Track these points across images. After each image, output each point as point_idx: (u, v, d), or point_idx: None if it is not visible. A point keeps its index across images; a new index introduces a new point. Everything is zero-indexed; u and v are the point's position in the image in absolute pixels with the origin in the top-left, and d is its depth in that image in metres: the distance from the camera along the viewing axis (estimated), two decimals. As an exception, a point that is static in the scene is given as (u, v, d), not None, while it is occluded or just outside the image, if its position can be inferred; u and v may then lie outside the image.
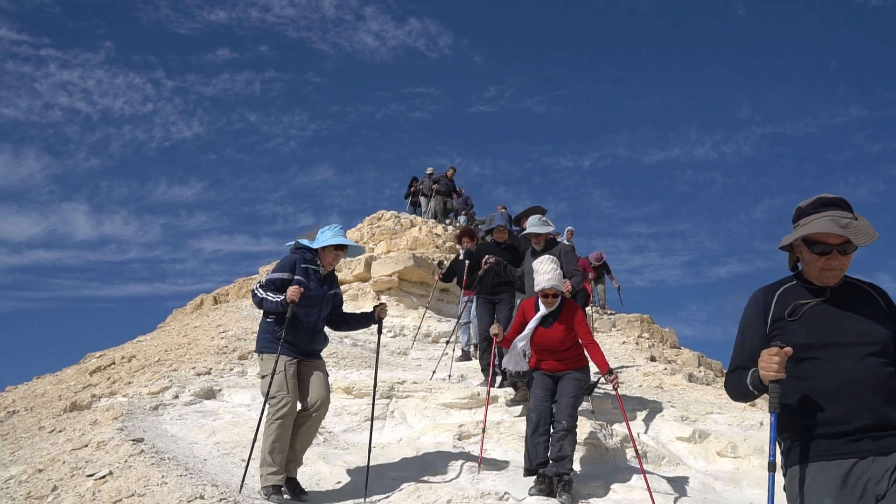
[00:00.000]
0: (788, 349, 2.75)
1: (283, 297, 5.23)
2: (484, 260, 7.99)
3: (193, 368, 9.01)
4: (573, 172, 70.94)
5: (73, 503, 5.18)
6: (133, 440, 6.15)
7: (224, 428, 6.91)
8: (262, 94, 67.51)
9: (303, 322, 5.38)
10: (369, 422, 7.17)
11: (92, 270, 59.44)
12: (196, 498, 4.96)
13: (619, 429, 7.37)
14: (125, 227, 61.05)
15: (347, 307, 13.92)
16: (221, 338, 10.68)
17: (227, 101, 66.13)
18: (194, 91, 64.94)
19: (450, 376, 8.90)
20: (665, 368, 12.22)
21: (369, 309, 6.63)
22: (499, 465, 6.34)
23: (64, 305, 59.80)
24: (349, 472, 5.97)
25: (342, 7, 65.50)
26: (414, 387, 7.92)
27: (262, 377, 5.33)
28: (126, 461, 5.70)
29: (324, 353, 9.75)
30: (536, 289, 5.82)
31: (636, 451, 5.90)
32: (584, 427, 6.84)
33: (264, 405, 5.26)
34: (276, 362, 5.22)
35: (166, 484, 5.22)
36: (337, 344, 10.74)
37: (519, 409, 7.44)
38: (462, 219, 21.47)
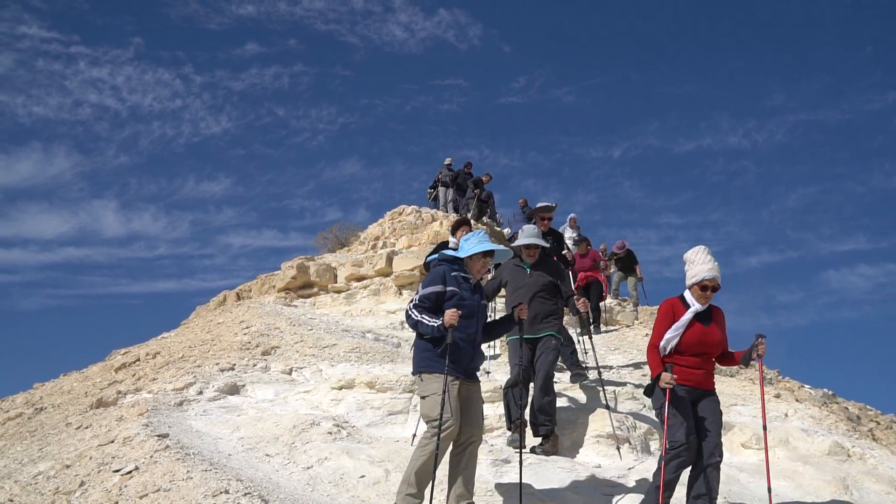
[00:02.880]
0: None
1: (440, 322, 4.86)
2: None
3: (217, 364, 9.08)
4: (603, 163, 70.42)
5: (100, 498, 5.25)
6: (158, 436, 6.21)
7: (248, 423, 6.96)
8: (291, 89, 67.80)
9: (463, 335, 4.98)
10: (394, 415, 7.17)
11: (121, 267, 60.02)
12: (221, 492, 5.00)
13: (640, 422, 7.33)
14: (154, 224, 61.61)
15: (370, 302, 13.97)
16: (245, 334, 10.75)
17: (255, 96, 66.52)
18: (223, 86, 65.37)
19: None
20: (688, 360, 12.13)
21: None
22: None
23: (93, 302, 60.50)
24: (372, 465, 5.98)
25: (371, -1, 65.57)
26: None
27: (423, 398, 4.98)
28: (152, 456, 5.77)
29: (346, 348, 9.89)
30: (694, 280, 5.09)
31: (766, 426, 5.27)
32: (605, 420, 6.83)
33: (433, 428, 4.83)
34: (445, 383, 4.84)
35: (192, 479, 5.27)
36: (359, 339, 10.77)
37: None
38: (484, 218, 21.38)
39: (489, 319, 5.65)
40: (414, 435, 6.72)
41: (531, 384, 6.69)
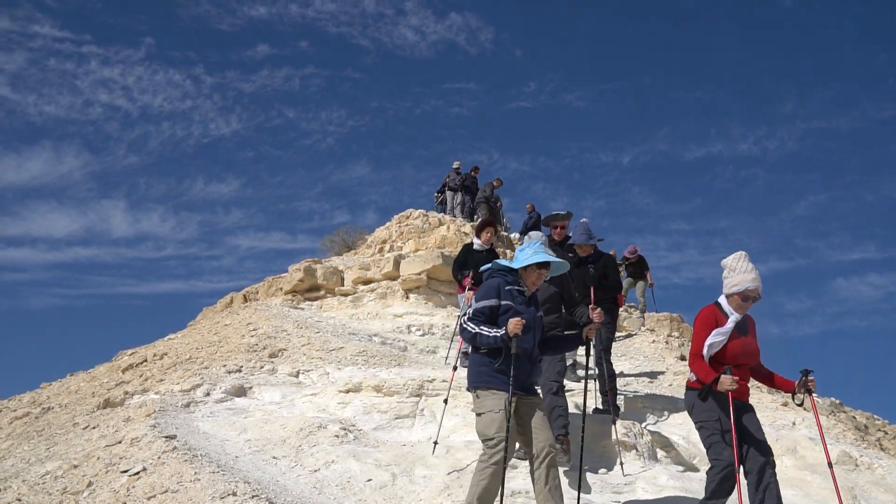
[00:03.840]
0: None
1: (503, 332, 4.66)
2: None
3: (224, 366, 9.09)
4: (612, 168, 70.21)
5: (108, 499, 5.26)
6: (166, 437, 6.22)
7: (255, 425, 6.96)
8: (301, 90, 67.92)
9: (521, 350, 4.78)
10: (400, 419, 7.18)
11: (128, 267, 60.15)
12: (229, 494, 5.01)
13: (646, 429, 7.31)
14: (162, 225, 61.75)
15: (377, 306, 13.97)
16: (252, 336, 10.77)
17: (265, 98, 66.63)
18: (233, 87, 65.51)
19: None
20: (695, 367, 12.09)
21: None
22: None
23: (100, 302, 60.63)
24: (379, 469, 5.98)
25: (383, 2, 65.58)
26: (443, 385, 7.91)
27: (479, 415, 4.78)
28: (159, 458, 5.78)
29: (353, 352, 9.89)
30: (736, 289, 4.85)
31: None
32: (611, 426, 6.81)
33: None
34: (504, 400, 4.66)
35: (199, 480, 5.28)
36: (366, 342, 10.78)
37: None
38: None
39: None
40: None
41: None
